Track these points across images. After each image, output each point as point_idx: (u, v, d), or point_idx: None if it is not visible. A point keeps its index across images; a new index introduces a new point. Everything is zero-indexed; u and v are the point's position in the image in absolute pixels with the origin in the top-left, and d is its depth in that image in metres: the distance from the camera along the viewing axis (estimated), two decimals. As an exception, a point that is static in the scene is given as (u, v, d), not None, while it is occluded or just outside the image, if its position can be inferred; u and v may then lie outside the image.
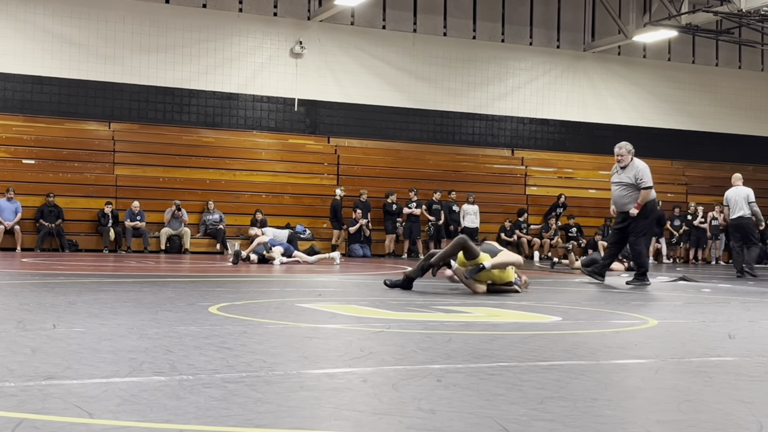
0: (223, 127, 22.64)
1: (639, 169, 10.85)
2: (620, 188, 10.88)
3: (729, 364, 4.07)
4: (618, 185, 10.92)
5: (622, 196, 10.84)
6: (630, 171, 10.84)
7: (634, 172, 10.81)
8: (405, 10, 24.31)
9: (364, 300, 7.35)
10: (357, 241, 21.17)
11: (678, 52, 27.47)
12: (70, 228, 19.49)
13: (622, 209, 10.89)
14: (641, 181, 10.75)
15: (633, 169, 10.86)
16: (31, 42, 20.81)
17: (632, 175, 10.80)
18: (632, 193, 10.79)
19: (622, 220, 10.95)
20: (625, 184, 10.85)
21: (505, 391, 3.17)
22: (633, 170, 10.84)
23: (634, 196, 10.78)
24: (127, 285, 8.39)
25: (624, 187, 10.85)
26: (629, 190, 10.80)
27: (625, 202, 10.82)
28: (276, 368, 3.53)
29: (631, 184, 10.80)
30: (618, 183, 10.94)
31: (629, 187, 10.81)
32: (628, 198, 10.80)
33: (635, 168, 10.86)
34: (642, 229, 10.87)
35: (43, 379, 3.15)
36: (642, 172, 10.81)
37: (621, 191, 10.86)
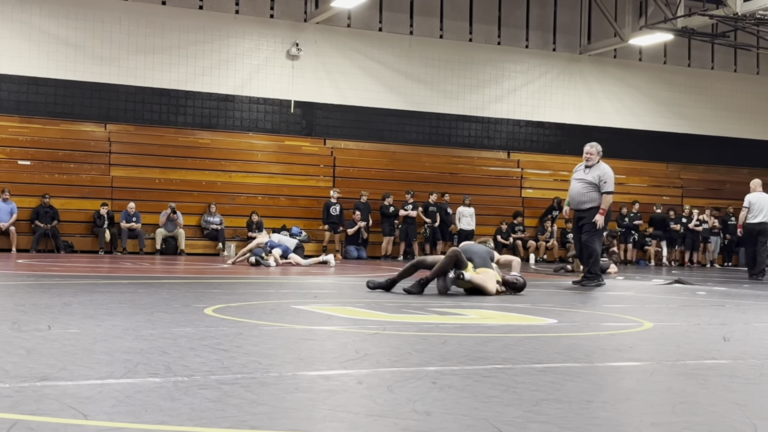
0: (219, 129, 22.63)
1: (605, 172, 10.78)
2: (581, 185, 10.80)
3: (724, 367, 4.08)
4: (580, 182, 10.84)
5: (581, 193, 10.77)
6: (595, 171, 10.78)
7: (598, 173, 10.75)
8: (401, 13, 24.33)
9: (360, 302, 7.35)
10: (354, 242, 21.16)
11: (674, 55, 27.51)
12: (66, 229, 19.46)
13: (579, 207, 10.83)
14: (604, 184, 10.68)
15: (598, 170, 10.79)
16: (27, 43, 20.79)
17: (596, 175, 10.73)
18: (591, 193, 10.71)
19: (578, 219, 10.91)
20: (587, 182, 10.77)
21: (500, 393, 3.17)
22: (598, 171, 10.77)
23: (593, 197, 10.71)
24: (122, 286, 8.38)
25: (585, 185, 10.77)
26: (589, 189, 10.73)
27: (583, 200, 10.76)
28: (271, 370, 3.53)
29: (593, 184, 10.73)
30: (580, 180, 10.85)
31: (590, 186, 10.73)
32: (586, 197, 10.74)
33: (601, 170, 10.80)
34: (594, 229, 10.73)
35: (38, 380, 3.14)
36: (607, 175, 10.76)
37: (581, 188, 10.78)
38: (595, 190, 10.72)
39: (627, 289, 10.93)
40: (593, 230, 10.71)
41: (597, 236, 10.82)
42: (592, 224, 10.70)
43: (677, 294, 9.97)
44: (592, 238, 10.76)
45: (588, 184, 10.75)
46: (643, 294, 9.93)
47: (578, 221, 10.93)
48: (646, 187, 26.47)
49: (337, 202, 21.11)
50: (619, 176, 26.55)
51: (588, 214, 10.74)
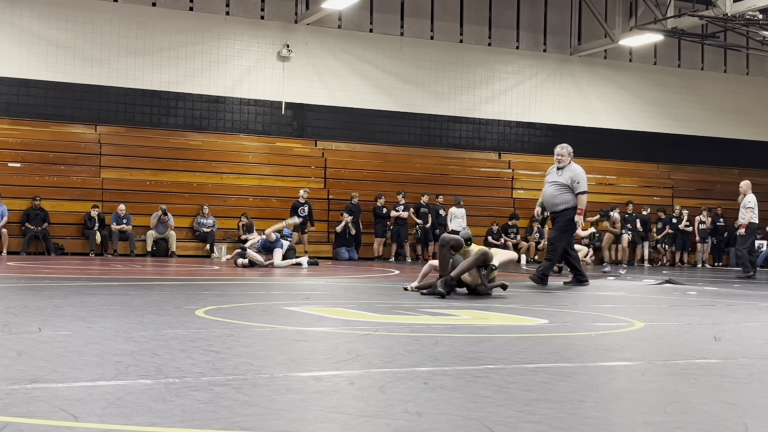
0: (210, 131, 22.60)
1: (576, 172, 10.76)
2: (554, 187, 10.79)
3: (715, 366, 4.09)
4: (552, 184, 10.83)
5: (554, 195, 10.76)
6: (567, 173, 10.76)
7: (570, 174, 10.73)
8: (392, 14, 24.34)
9: (351, 303, 7.35)
10: (343, 243, 21.14)
11: (664, 55, 27.59)
12: (56, 231, 19.40)
13: (553, 209, 10.83)
14: (577, 184, 10.67)
15: (570, 171, 10.77)
16: (17, 44, 20.72)
17: (568, 177, 10.72)
18: (564, 195, 10.71)
19: (554, 220, 10.90)
20: (560, 184, 10.75)
21: (491, 394, 3.17)
22: (570, 172, 10.75)
23: (566, 198, 10.70)
24: (113, 288, 8.36)
25: (558, 186, 10.76)
26: (562, 191, 10.72)
27: (556, 202, 10.75)
28: (263, 371, 3.52)
29: (566, 186, 10.71)
30: (553, 182, 10.84)
31: (563, 187, 10.72)
32: (559, 198, 10.73)
33: (572, 171, 10.77)
34: (565, 226, 10.75)
35: (29, 382, 3.13)
36: (579, 176, 10.74)
37: (554, 190, 10.77)
38: (568, 192, 10.72)
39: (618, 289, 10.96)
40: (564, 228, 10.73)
41: (567, 234, 10.85)
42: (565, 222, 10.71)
43: (668, 294, 9.99)
44: (561, 236, 10.79)
45: (561, 186, 10.75)
46: (634, 294, 9.95)
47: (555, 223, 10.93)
48: (637, 187, 26.54)
49: (305, 203, 20.96)
50: (610, 177, 26.86)
51: (562, 215, 10.75)
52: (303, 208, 20.88)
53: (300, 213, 20.87)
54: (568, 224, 10.74)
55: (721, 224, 25.28)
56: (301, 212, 20.86)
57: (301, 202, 20.94)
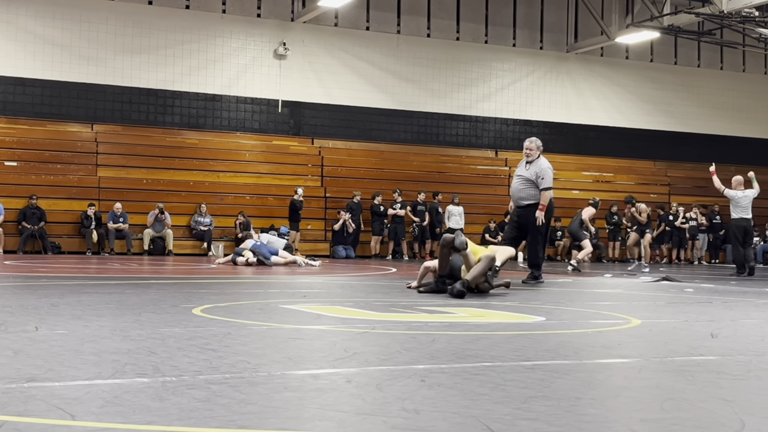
0: (207, 129, 22.58)
1: (543, 168, 10.64)
2: (520, 181, 10.70)
3: (711, 363, 4.09)
4: (519, 178, 10.73)
5: (519, 189, 10.67)
6: (534, 167, 10.65)
7: (536, 169, 10.61)
8: (389, 12, 24.32)
9: (349, 301, 7.35)
10: (341, 241, 21.14)
11: (660, 53, 27.61)
12: (53, 230, 19.38)
13: (518, 203, 10.74)
14: (542, 180, 10.56)
15: (536, 166, 10.65)
16: (13, 43, 20.69)
17: (534, 172, 10.61)
18: (529, 189, 10.61)
19: (518, 215, 10.78)
20: (525, 178, 10.66)
21: (489, 391, 3.17)
22: (536, 168, 10.63)
23: (531, 193, 10.60)
24: (110, 287, 8.35)
25: (524, 181, 10.66)
26: (527, 185, 10.61)
27: (521, 196, 10.66)
28: (260, 369, 3.52)
29: (531, 180, 10.61)
30: (520, 176, 10.74)
31: (528, 182, 10.62)
32: (524, 193, 10.63)
33: (539, 166, 10.65)
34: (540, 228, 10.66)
35: (25, 381, 3.13)
36: (544, 171, 10.62)
37: (520, 185, 10.68)
38: (534, 187, 10.60)
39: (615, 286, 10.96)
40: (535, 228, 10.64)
41: (540, 237, 10.75)
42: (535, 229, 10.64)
43: (665, 291, 10.00)
44: (536, 239, 10.71)
45: (526, 180, 10.64)
46: (630, 291, 9.96)
47: (519, 217, 10.79)
48: (634, 185, 26.56)
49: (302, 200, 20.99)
50: (607, 174, 26.89)
51: (526, 210, 10.63)
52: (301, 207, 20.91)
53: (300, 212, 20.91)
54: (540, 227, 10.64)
55: (717, 221, 25.30)
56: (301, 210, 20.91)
57: (300, 200, 20.93)
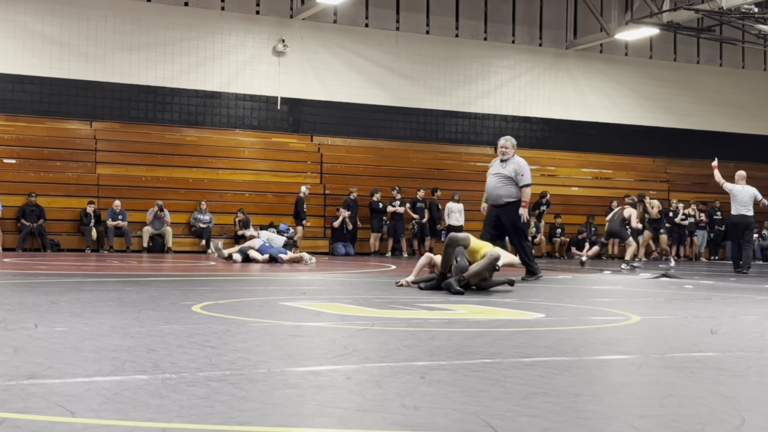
0: (206, 126, 22.57)
1: (520, 165, 10.59)
2: (498, 179, 10.59)
3: (711, 360, 4.09)
4: (496, 176, 10.62)
5: (497, 187, 10.57)
6: (510, 165, 10.57)
7: (514, 167, 10.55)
8: (388, 8, 24.31)
9: (348, 298, 7.35)
10: (340, 238, 21.14)
11: (659, 49, 27.60)
12: (52, 227, 19.37)
13: (496, 201, 10.62)
14: (521, 177, 10.51)
15: (514, 164, 10.59)
16: (12, 40, 20.67)
17: (512, 169, 10.53)
18: (508, 187, 10.53)
19: (496, 215, 10.65)
20: (503, 176, 10.56)
21: (488, 388, 3.17)
22: (513, 165, 10.57)
23: (510, 191, 10.52)
24: (109, 284, 8.35)
25: (502, 178, 10.56)
26: (505, 183, 10.53)
27: (500, 194, 10.57)
28: (259, 366, 3.52)
29: (510, 178, 10.52)
30: (497, 174, 10.63)
31: (507, 179, 10.53)
32: (503, 191, 10.54)
33: (516, 163, 10.59)
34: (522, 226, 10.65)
35: (25, 378, 3.13)
36: (523, 168, 10.57)
37: (498, 182, 10.57)
38: (512, 184, 10.53)
39: (614, 283, 10.97)
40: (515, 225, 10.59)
41: (524, 233, 10.73)
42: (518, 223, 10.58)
43: (664, 288, 10.00)
44: (520, 237, 10.66)
45: (504, 178, 10.55)
46: (630, 288, 9.96)
47: (496, 217, 10.66)
48: (633, 181, 26.56)
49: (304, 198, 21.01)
50: (606, 171, 26.89)
51: (506, 209, 10.54)
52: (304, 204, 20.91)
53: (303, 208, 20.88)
54: (517, 219, 10.57)
55: (718, 218, 25.30)
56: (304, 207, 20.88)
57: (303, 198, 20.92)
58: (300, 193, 20.97)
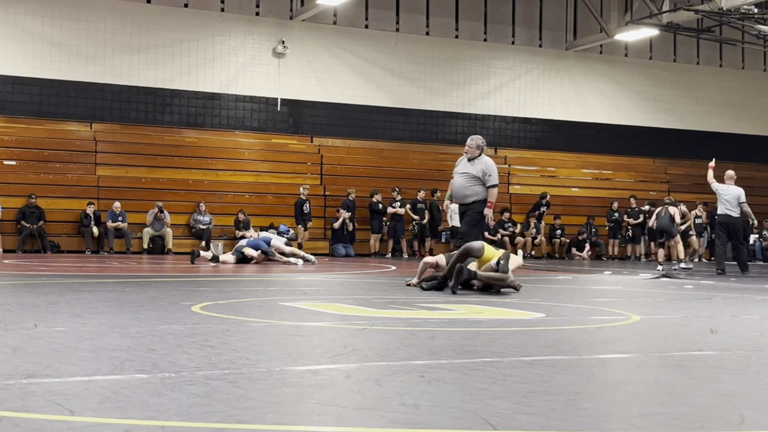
0: (206, 127, 22.57)
1: (488, 165, 10.43)
2: (465, 178, 10.40)
3: (711, 358, 4.09)
4: (463, 175, 10.43)
5: (464, 186, 10.37)
6: (478, 165, 10.40)
7: (482, 166, 10.38)
8: (387, 10, 24.31)
9: (348, 298, 7.35)
10: (340, 239, 21.13)
11: (659, 50, 27.60)
12: (52, 229, 19.36)
13: (462, 200, 10.44)
14: (489, 177, 10.34)
15: (481, 163, 10.42)
16: (11, 42, 20.67)
17: (480, 169, 10.36)
18: (474, 186, 10.33)
19: (462, 213, 10.51)
20: (470, 176, 10.37)
21: (488, 386, 3.17)
22: (481, 164, 10.40)
23: (476, 190, 10.32)
24: (109, 285, 8.35)
25: (469, 178, 10.37)
26: (473, 182, 10.34)
27: (466, 193, 10.36)
28: (259, 365, 3.52)
29: (477, 177, 10.34)
30: (464, 173, 10.44)
31: (474, 179, 10.34)
32: (470, 190, 10.34)
33: (484, 163, 10.43)
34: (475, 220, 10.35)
35: (24, 377, 3.13)
36: (491, 168, 10.42)
37: (465, 181, 10.38)
38: (479, 184, 10.35)
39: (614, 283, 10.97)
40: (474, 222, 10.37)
41: (477, 229, 10.42)
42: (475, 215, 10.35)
43: (664, 288, 10.00)
44: (471, 231, 10.31)
45: (471, 178, 10.36)
46: (630, 288, 9.96)
47: (462, 215, 10.52)
48: (633, 182, 26.56)
49: (306, 199, 21.02)
50: (606, 171, 26.89)
51: (472, 207, 10.37)
52: (306, 205, 20.92)
53: (305, 210, 20.90)
54: (478, 218, 10.38)
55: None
56: (305, 209, 20.90)
57: (303, 199, 20.94)
58: (301, 194, 20.98)
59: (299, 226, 20.81)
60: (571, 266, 17.62)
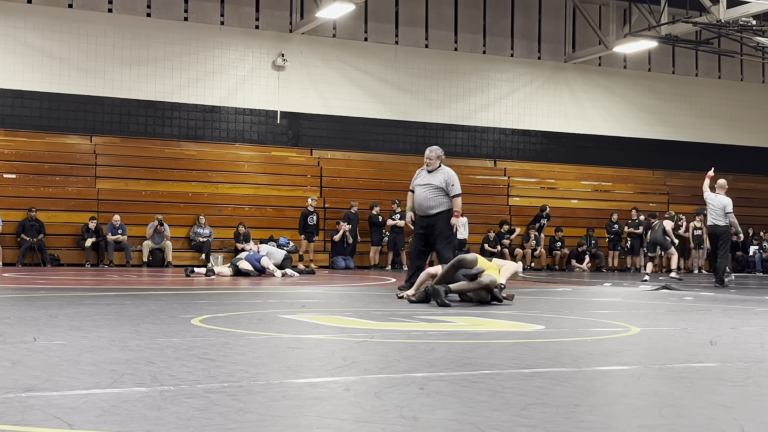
0: (206, 140, 22.59)
1: (450, 175, 10.45)
2: (428, 190, 10.38)
3: (710, 370, 4.09)
4: (426, 187, 10.42)
5: (428, 198, 10.33)
6: (439, 175, 10.42)
7: (444, 177, 10.40)
8: (387, 23, 24.37)
9: (348, 311, 7.35)
10: (340, 252, 21.13)
11: (658, 62, 27.65)
12: (52, 242, 19.36)
13: (426, 212, 10.36)
14: (452, 187, 10.36)
15: (443, 173, 10.45)
16: (11, 56, 20.72)
17: (442, 179, 10.37)
18: (438, 197, 10.33)
19: (426, 225, 10.37)
20: (433, 186, 10.36)
21: (487, 398, 3.17)
22: (443, 175, 10.42)
23: (441, 200, 10.31)
24: (108, 298, 8.35)
25: (433, 189, 10.36)
26: (436, 194, 10.33)
27: (431, 204, 10.32)
28: (258, 378, 3.52)
29: (440, 188, 10.35)
30: (426, 185, 10.43)
31: (437, 190, 10.35)
32: (434, 201, 10.32)
33: (445, 173, 10.46)
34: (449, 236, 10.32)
35: (23, 391, 3.12)
36: (453, 178, 10.44)
37: (428, 193, 10.35)
38: (443, 194, 10.34)
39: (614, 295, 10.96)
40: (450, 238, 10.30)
41: (451, 244, 10.35)
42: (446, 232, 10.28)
43: (664, 300, 10.00)
44: (447, 247, 10.24)
45: (435, 189, 10.35)
46: (630, 300, 9.95)
47: (426, 228, 10.37)
48: (633, 194, 26.57)
49: (314, 211, 21.03)
50: (605, 183, 26.90)
51: (437, 218, 10.29)
52: (312, 217, 20.93)
53: (309, 222, 20.90)
54: (449, 232, 10.32)
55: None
56: (311, 221, 20.91)
57: (311, 211, 20.95)
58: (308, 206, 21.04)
59: (303, 237, 20.82)
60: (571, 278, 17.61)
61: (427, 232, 10.35)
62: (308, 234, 20.88)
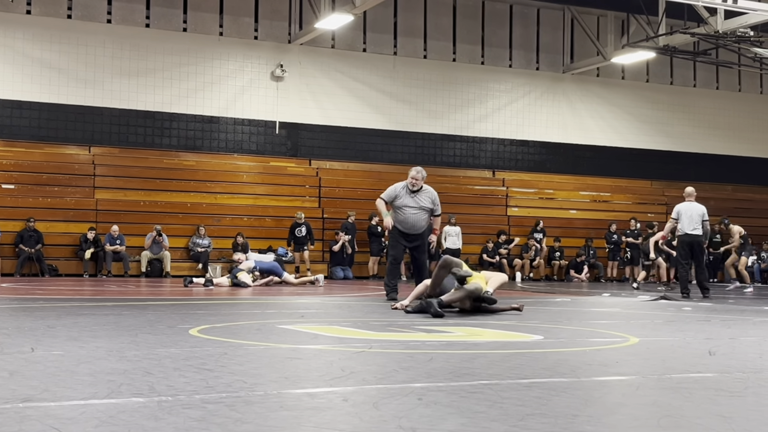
0: (204, 151, 22.61)
1: (435, 195, 11.14)
2: (420, 212, 11.00)
3: (709, 380, 4.09)
4: (418, 211, 11.00)
5: (421, 219, 11.03)
6: (425, 195, 11.01)
7: (430, 197, 11.03)
8: (385, 33, 24.42)
9: (346, 321, 7.34)
10: (339, 262, 21.12)
11: (656, 73, 27.71)
12: (50, 253, 19.36)
13: (415, 231, 11.07)
14: (437, 207, 11.10)
15: (428, 195, 11.05)
16: (10, 66, 20.75)
17: (430, 200, 11.02)
18: (427, 217, 11.11)
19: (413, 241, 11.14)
20: (425, 208, 11.01)
21: (486, 409, 3.16)
22: (429, 195, 11.04)
23: (428, 219, 11.13)
24: (106, 309, 8.33)
25: (424, 211, 11.02)
26: (426, 214, 11.06)
27: (422, 225, 11.07)
28: (256, 388, 3.51)
29: (429, 209, 11.04)
30: (418, 209, 10.99)
31: (425, 211, 11.04)
32: (424, 222, 11.09)
33: (431, 195, 11.08)
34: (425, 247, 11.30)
35: (21, 401, 3.12)
36: (437, 198, 11.15)
37: (421, 215, 11.01)
38: (428, 213, 11.11)
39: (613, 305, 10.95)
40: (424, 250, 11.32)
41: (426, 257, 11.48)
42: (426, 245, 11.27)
43: (663, 310, 9.99)
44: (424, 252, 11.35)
45: (422, 210, 11.02)
46: (628, 310, 9.95)
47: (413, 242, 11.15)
48: (631, 204, 26.58)
49: (303, 223, 21.02)
50: (604, 194, 26.92)
51: (423, 234, 11.15)
52: (300, 229, 20.91)
53: (297, 233, 20.90)
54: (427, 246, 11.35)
55: (717, 240, 25.29)
56: (299, 233, 20.89)
57: (300, 223, 20.96)
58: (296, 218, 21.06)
59: (291, 249, 20.86)
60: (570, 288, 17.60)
61: (413, 246, 11.25)
62: (298, 246, 20.89)
